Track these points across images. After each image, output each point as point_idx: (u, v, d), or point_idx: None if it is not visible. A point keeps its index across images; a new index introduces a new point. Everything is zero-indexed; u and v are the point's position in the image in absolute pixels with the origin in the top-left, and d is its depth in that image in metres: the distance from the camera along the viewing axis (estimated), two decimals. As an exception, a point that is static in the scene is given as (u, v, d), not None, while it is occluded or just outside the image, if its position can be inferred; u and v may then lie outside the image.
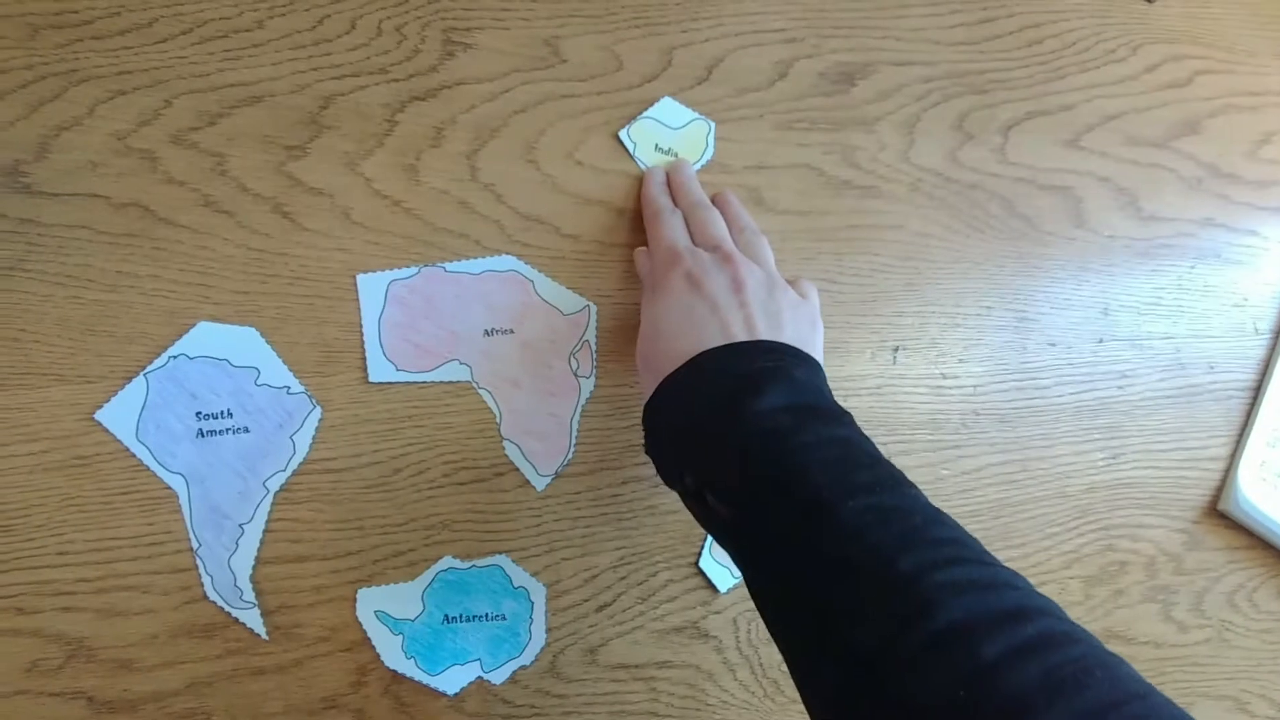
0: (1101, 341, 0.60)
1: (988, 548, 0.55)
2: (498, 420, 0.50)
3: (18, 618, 0.44)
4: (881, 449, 0.54)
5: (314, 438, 0.47)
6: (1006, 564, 0.55)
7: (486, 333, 0.50)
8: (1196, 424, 0.60)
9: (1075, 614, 0.56)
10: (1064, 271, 0.59)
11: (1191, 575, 0.59)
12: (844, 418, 0.41)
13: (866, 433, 0.54)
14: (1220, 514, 0.59)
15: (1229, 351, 0.62)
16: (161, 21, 0.49)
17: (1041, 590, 0.55)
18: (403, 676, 0.47)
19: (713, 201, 0.53)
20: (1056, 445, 0.58)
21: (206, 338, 0.47)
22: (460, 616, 0.48)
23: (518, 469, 0.50)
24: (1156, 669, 0.57)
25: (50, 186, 0.46)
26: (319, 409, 0.48)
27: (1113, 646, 0.56)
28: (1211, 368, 0.61)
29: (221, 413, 0.47)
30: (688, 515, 0.52)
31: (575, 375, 0.51)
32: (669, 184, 0.53)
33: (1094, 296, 0.60)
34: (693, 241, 0.49)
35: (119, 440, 0.45)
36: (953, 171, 0.59)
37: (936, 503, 0.54)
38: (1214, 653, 0.58)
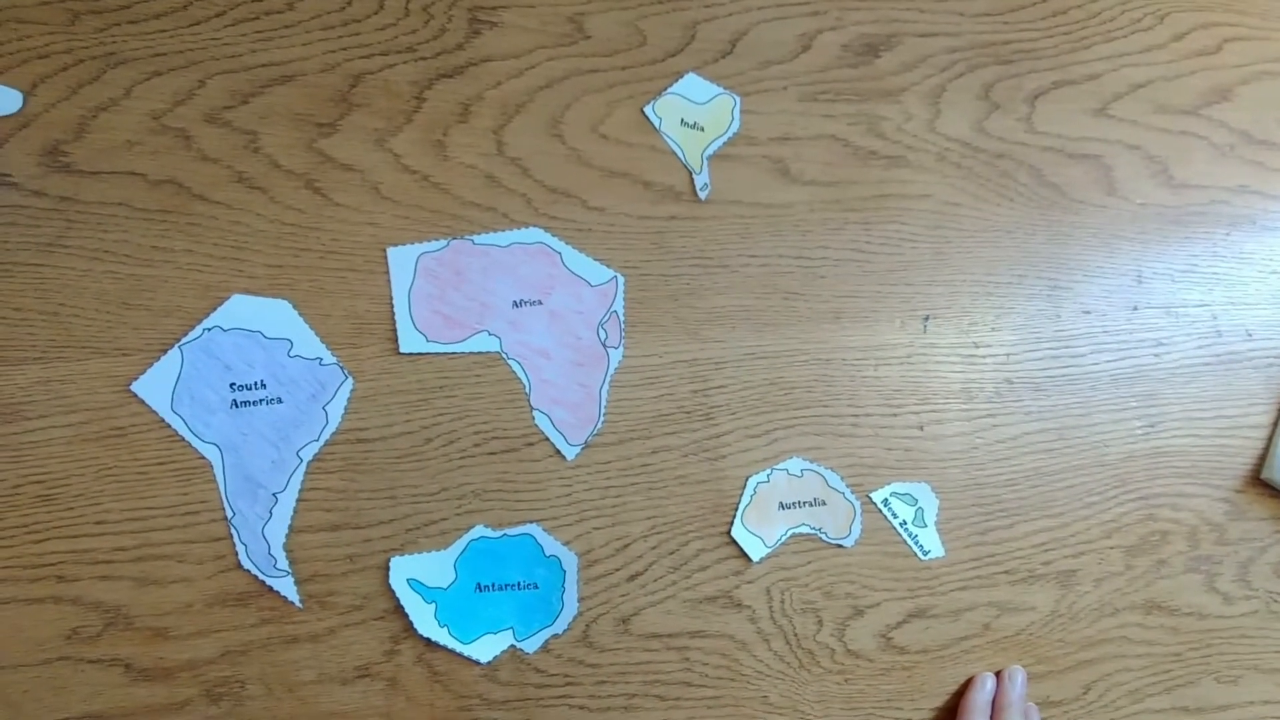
0: (1136, 309, 0.59)
1: (1025, 517, 0.54)
2: (527, 390, 0.50)
3: (58, 585, 0.44)
4: (914, 418, 0.54)
5: (346, 408, 0.48)
6: (1045, 533, 0.54)
7: (515, 304, 0.51)
8: (1236, 392, 0.59)
9: (1116, 585, 0.55)
10: (1096, 239, 0.59)
11: (1235, 545, 0.57)
12: None
13: (897, 403, 0.54)
14: (1263, 483, 0.58)
15: (1267, 319, 0.60)
16: (195, 5, 0.50)
17: (1081, 560, 0.55)
18: (435, 645, 0.47)
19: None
20: (1093, 414, 0.57)
21: (240, 310, 0.47)
22: (492, 585, 0.48)
23: (548, 439, 0.50)
24: (1203, 641, 0.56)
25: (89, 165, 0.48)
26: (351, 380, 0.48)
27: (1156, 618, 0.55)
28: (1250, 335, 0.60)
29: (255, 384, 0.47)
30: (720, 485, 0.52)
31: (604, 345, 0.51)
32: (996, 694, 0.52)
33: (1127, 264, 0.59)
34: None
35: (155, 411, 0.46)
36: (980, 141, 0.58)
37: (972, 472, 0.54)
38: (1262, 624, 0.57)
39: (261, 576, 0.46)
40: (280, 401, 0.47)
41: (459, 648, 0.47)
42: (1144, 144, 0.61)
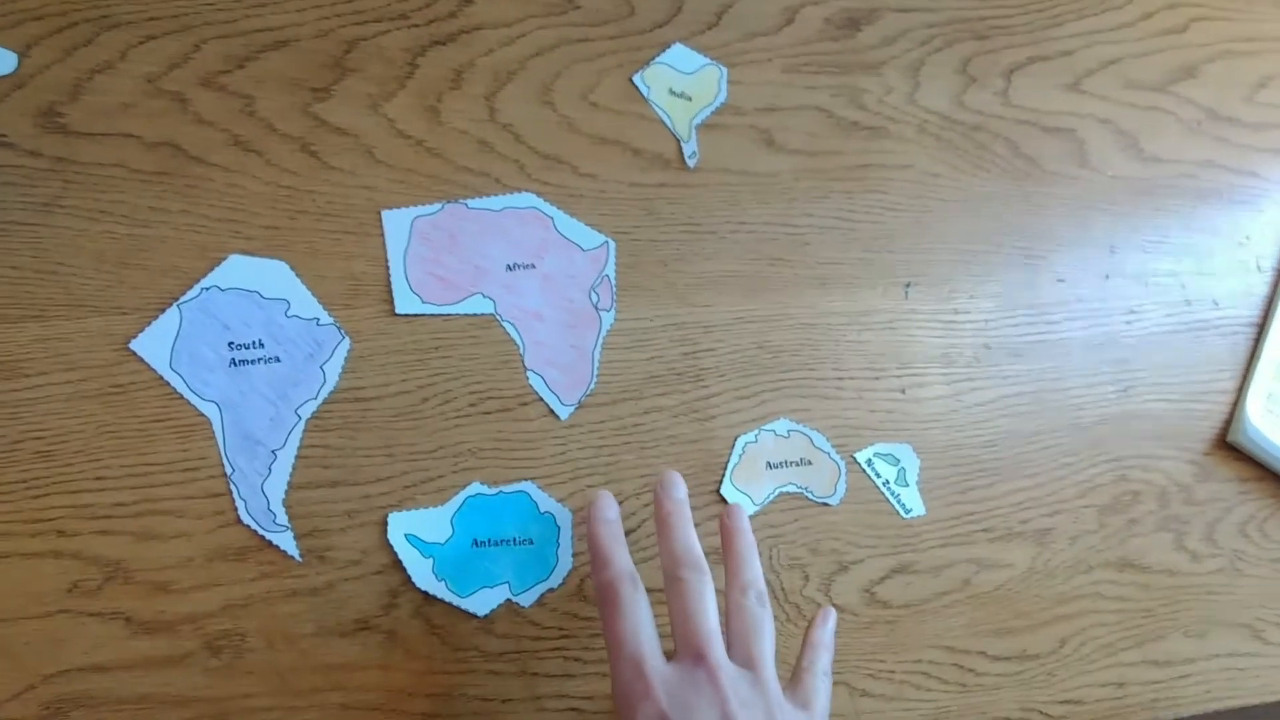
0: (1108, 278, 0.61)
1: (1003, 477, 0.56)
2: (521, 351, 0.51)
3: (58, 540, 0.44)
4: (896, 382, 0.55)
5: (343, 367, 0.49)
6: (1022, 492, 0.56)
7: (509, 267, 0.52)
8: (1204, 358, 0.61)
9: (1090, 543, 0.57)
10: (1069, 210, 0.61)
11: (1203, 505, 0.59)
12: None
13: (880, 367, 0.56)
14: (1229, 445, 0.60)
15: (1233, 288, 0.63)
16: (189, -30, 0.50)
17: (1056, 519, 0.57)
18: (433, 598, 0.48)
19: (724, 527, 0.46)
20: (1067, 378, 0.59)
21: (238, 270, 0.48)
22: (489, 541, 0.49)
23: (541, 399, 0.51)
24: (1172, 597, 0.58)
25: (85, 126, 0.48)
26: (348, 340, 0.49)
27: (1128, 575, 0.57)
28: (1216, 304, 0.62)
29: (253, 343, 0.48)
30: (709, 444, 0.53)
31: (595, 308, 0.52)
32: (656, 520, 0.45)
33: (1100, 234, 0.61)
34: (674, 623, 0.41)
35: (153, 369, 0.46)
36: (958, 114, 0.60)
37: (952, 433, 0.56)
38: (1228, 581, 0.59)
39: (261, 531, 0.46)
40: (278, 360, 0.48)
41: (456, 601, 0.48)
42: (1115, 118, 0.63)
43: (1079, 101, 0.62)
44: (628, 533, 0.51)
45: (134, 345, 0.46)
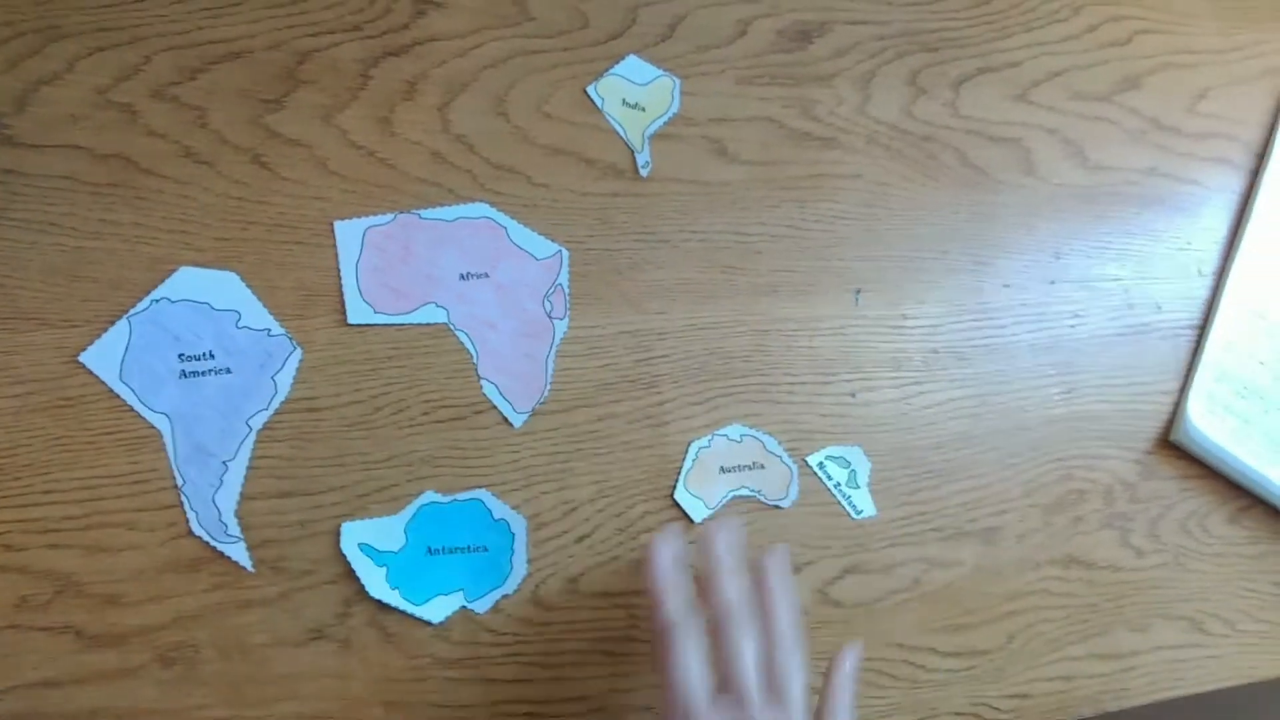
0: (1054, 283, 0.62)
1: (951, 478, 0.57)
2: (474, 360, 0.51)
3: (6, 554, 0.44)
4: (846, 386, 0.56)
5: (295, 378, 0.49)
6: (969, 492, 0.58)
7: (462, 277, 0.52)
8: (1147, 360, 0.63)
9: (1037, 540, 0.59)
10: (1016, 217, 0.62)
11: (1146, 503, 0.61)
12: None
13: (831, 372, 0.57)
14: (1172, 445, 0.62)
15: (1175, 292, 0.65)
16: (139, -19, 0.50)
17: (1003, 518, 0.58)
18: (388, 607, 0.48)
19: (757, 571, 0.44)
20: (1014, 381, 0.60)
21: (188, 282, 0.48)
22: (443, 549, 0.49)
23: (495, 407, 0.51)
24: (1117, 592, 0.59)
25: (32, 138, 0.48)
26: (299, 350, 0.49)
27: (1074, 571, 0.59)
28: (1159, 308, 0.64)
29: (204, 354, 0.48)
30: (663, 450, 0.54)
31: (549, 317, 0.53)
32: (703, 570, 0.44)
33: (1045, 241, 0.63)
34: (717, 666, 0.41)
35: (103, 382, 0.46)
36: (907, 124, 0.61)
37: (901, 436, 0.57)
38: (1170, 576, 0.61)
39: (213, 543, 0.46)
40: (229, 371, 0.48)
41: (411, 609, 0.48)
42: (1061, 128, 0.64)
43: (1026, 111, 0.64)
44: (584, 537, 0.52)
45: (83, 358, 0.46)
